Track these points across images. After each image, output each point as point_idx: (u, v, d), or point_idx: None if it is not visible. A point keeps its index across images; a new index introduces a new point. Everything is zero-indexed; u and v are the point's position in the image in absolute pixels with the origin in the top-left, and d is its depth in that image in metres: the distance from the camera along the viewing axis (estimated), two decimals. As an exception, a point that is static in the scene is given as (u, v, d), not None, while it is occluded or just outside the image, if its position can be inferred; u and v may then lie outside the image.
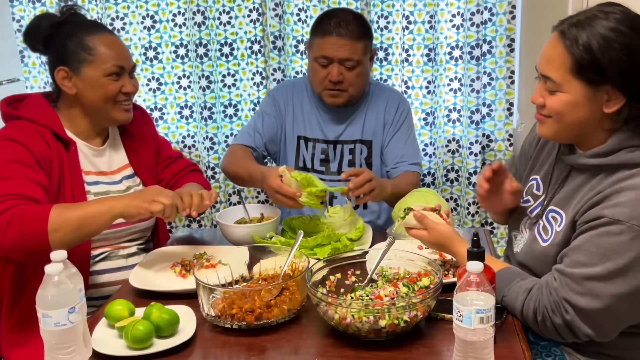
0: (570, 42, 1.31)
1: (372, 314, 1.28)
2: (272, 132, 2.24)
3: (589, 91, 1.32)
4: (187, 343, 1.36)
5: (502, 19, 2.49)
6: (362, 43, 2.09)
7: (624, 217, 1.26)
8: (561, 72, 1.33)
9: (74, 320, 1.19)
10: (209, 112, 2.68)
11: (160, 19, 2.61)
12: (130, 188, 1.91)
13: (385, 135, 2.22)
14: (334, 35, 2.05)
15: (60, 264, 1.20)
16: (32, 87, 2.62)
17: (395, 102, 2.24)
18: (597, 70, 1.30)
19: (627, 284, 1.27)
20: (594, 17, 1.31)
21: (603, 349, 1.45)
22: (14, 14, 2.56)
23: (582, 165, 1.41)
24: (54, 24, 1.80)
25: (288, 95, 2.27)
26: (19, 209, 1.56)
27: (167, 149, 2.13)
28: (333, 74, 2.08)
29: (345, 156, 2.24)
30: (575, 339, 1.33)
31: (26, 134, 1.71)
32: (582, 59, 1.30)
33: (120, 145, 1.96)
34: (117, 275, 1.84)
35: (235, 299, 1.42)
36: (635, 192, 1.27)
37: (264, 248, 1.68)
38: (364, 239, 1.92)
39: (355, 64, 2.09)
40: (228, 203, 2.77)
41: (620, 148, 1.34)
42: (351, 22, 2.06)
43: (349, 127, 2.23)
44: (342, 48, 2.05)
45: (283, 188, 1.84)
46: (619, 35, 1.28)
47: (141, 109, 2.09)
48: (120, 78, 1.80)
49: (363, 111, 2.23)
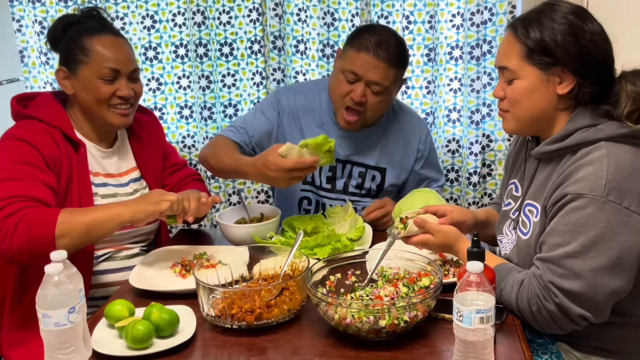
0: (520, 33, 1.44)
1: (372, 314, 1.28)
2: (262, 134, 2.10)
3: (542, 75, 1.43)
4: (187, 343, 1.36)
5: (502, 19, 2.49)
6: (396, 71, 1.96)
7: (586, 190, 1.31)
8: (515, 60, 1.44)
9: (74, 320, 1.19)
10: (208, 112, 2.68)
11: (160, 19, 2.60)
12: (137, 191, 1.92)
13: (413, 167, 2.16)
14: (371, 53, 1.91)
15: (60, 264, 1.20)
16: (32, 87, 2.61)
17: (419, 131, 2.16)
18: (546, 53, 1.41)
19: (604, 255, 1.30)
20: (541, 11, 1.44)
21: (597, 342, 1.47)
22: (14, 14, 2.56)
23: (545, 153, 1.47)
24: (66, 25, 1.81)
25: (300, 102, 2.13)
26: (27, 211, 1.56)
27: (174, 155, 2.14)
28: (356, 94, 1.94)
29: (353, 177, 2.14)
30: (574, 324, 1.35)
31: (36, 134, 1.71)
32: (532, 44, 1.42)
33: (128, 148, 1.96)
34: (119, 275, 1.84)
35: (235, 299, 1.42)
36: (593, 166, 1.33)
37: (264, 248, 1.68)
38: (364, 239, 1.92)
39: (383, 90, 1.96)
40: (228, 203, 2.77)
41: (576, 129, 1.41)
42: (392, 46, 1.93)
43: (363, 149, 2.12)
44: (374, 70, 1.92)
45: (300, 162, 1.74)
46: (563, 20, 1.41)
47: (151, 114, 2.10)
48: (115, 81, 1.78)
49: (381, 137, 2.13)
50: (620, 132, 1.36)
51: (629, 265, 1.33)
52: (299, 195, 2.18)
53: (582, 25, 1.40)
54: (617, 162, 1.33)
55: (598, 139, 1.37)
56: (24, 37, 2.57)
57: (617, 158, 1.33)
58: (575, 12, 1.42)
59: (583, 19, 1.41)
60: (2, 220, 1.55)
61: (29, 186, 1.62)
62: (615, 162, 1.32)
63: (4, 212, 1.55)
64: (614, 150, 1.35)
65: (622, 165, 1.33)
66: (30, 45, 2.58)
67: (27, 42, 2.57)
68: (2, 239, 1.54)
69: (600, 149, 1.35)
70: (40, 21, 2.55)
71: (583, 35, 1.40)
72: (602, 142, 1.36)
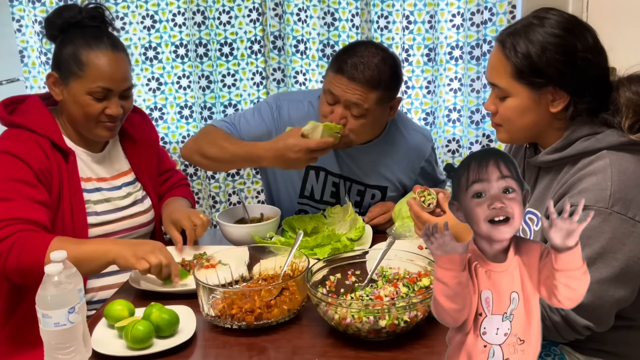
0: (508, 50, 1.38)
1: (372, 314, 1.28)
2: (252, 137, 1.97)
3: (534, 94, 1.38)
4: (187, 343, 1.36)
5: (502, 19, 2.49)
6: (378, 93, 1.84)
7: (590, 202, 1.29)
8: (505, 79, 1.40)
9: (73, 320, 1.19)
10: (208, 112, 2.68)
11: (160, 19, 2.60)
12: (130, 194, 1.90)
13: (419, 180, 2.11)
14: (345, 76, 1.82)
15: (60, 264, 1.20)
16: (32, 87, 2.62)
17: (423, 152, 2.09)
18: (536, 74, 1.36)
19: (609, 266, 1.29)
20: (529, 25, 1.38)
21: (600, 345, 1.46)
22: (14, 14, 2.56)
23: (545, 162, 1.45)
24: (65, 24, 1.75)
25: (298, 115, 2.02)
26: (21, 235, 1.54)
27: (166, 159, 2.12)
28: (335, 116, 1.86)
29: (352, 195, 2.10)
30: (577, 334, 1.34)
31: (25, 146, 1.67)
32: (521, 64, 1.36)
33: (120, 151, 1.93)
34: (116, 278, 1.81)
35: (235, 299, 1.42)
36: (596, 177, 1.31)
37: (264, 248, 1.68)
38: (364, 239, 1.92)
39: (364, 113, 1.85)
40: (228, 203, 2.77)
41: (576, 139, 1.39)
42: (371, 68, 1.81)
43: (362, 168, 2.07)
44: (350, 91, 1.82)
45: (323, 142, 1.76)
46: (553, 37, 1.35)
47: (142, 112, 2.05)
48: (105, 99, 1.72)
49: (379, 156, 2.05)
50: (621, 141, 1.34)
51: (633, 275, 1.31)
52: (297, 208, 2.17)
53: (574, 41, 1.34)
54: (620, 171, 1.31)
55: (599, 149, 1.35)
56: (23, 37, 2.56)
57: (620, 167, 1.31)
58: (566, 26, 1.36)
59: (575, 34, 1.35)
60: None
61: (21, 206, 1.59)
62: (618, 172, 1.30)
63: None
64: (617, 159, 1.32)
65: (626, 175, 1.31)
66: (30, 45, 2.58)
67: (27, 42, 2.57)
68: None
69: (602, 159, 1.33)
70: (40, 21, 2.54)
71: (576, 53, 1.34)
72: (604, 151, 1.34)
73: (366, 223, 2.00)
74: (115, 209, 1.85)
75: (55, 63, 1.75)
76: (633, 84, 1.37)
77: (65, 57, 1.72)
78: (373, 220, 2.02)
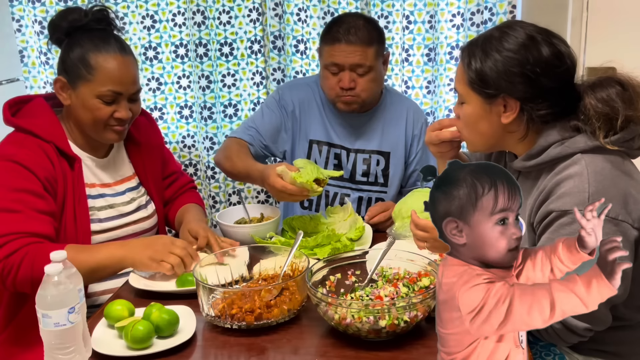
0: (467, 60, 1.43)
1: (372, 314, 1.28)
2: (272, 130, 2.18)
3: (485, 104, 1.42)
4: (187, 343, 1.36)
5: (502, 19, 2.49)
6: (374, 48, 2.04)
7: (570, 206, 1.30)
8: (462, 85, 1.45)
9: (73, 321, 1.19)
10: (208, 112, 2.68)
11: (160, 19, 2.60)
12: (134, 200, 1.89)
13: (412, 150, 2.22)
14: (343, 42, 2.00)
15: (60, 264, 1.20)
16: (32, 87, 2.61)
17: (417, 115, 2.23)
18: (486, 85, 1.39)
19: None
20: (489, 37, 1.42)
21: (598, 345, 1.47)
22: (14, 14, 2.56)
23: (523, 168, 1.47)
24: (70, 28, 1.73)
25: (299, 96, 2.21)
26: (31, 248, 1.55)
27: (172, 162, 2.12)
28: (344, 81, 2.03)
29: (358, 164, 2.20)
30: (580, 337, 1.34)
31: (31, 153, 1.65)
32: (474, 74, 1.41)
33: (125, 156, 1.92)
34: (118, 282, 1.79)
35: (235, 299, 1.42)
36: (574, 180, 1.33)
37: (264, 248, 1.68)
38: (364, 239, 1.92)
39: (367, 70, 2.04)
40: (228, 203, 2.77)
41: (549, 145, 1.40)
42: (361, 28, 2.02)
43: (364, 135, 2.20)
44: (352, 55, 2.01)
45: (288, 187, 1.81)
46: (506, 52, 1.37)
47: (147, 114, 2.05)
48: (114, 103, 1.71)
49: (379, 121, 2.20)
50: (594, 144, 1.35)
51: (624, 274, 1.32)
52: None
53: (526, 55, 1.36)
54: (596, 172, 1.32)
55: (573, 153, 1.36)
56: (23, 37, 2.56)
57: (596, 168, 1.33)
58: (522, 41, 1.37)
59: (529, 49, 1.37)
60: (5, 259, 1.54)
61: (28, 219, 1.59)
62: (594, 172, 1.32)
63: (6, 250, 1.54)
64: (592, 160, 1.34)
65: (602, 175, 1.32)
66: (30, 45, 2.58)
67: (27, 42, 2.57)
68: (6, 275, 1.55)
69: (578, 162, 1.34)
70: (40, 21, 2.55)
71: (525, 66, 1.36)
72: (578, 154, 1.35)
73: (366, 222, 2.01)
74: (119, 215, 1.84)
75: (63, 67, 1.73)
76: (597, 91, 1.37)
77: (73, 61, 1.70)
78: (373, 218, 2.03)
